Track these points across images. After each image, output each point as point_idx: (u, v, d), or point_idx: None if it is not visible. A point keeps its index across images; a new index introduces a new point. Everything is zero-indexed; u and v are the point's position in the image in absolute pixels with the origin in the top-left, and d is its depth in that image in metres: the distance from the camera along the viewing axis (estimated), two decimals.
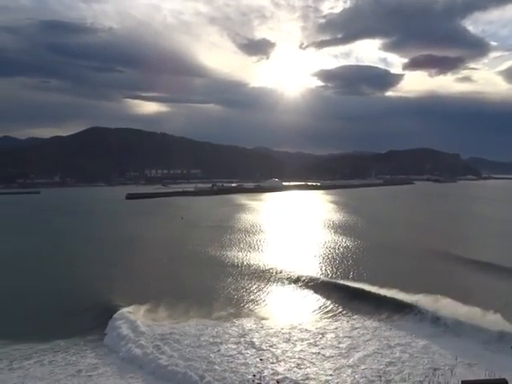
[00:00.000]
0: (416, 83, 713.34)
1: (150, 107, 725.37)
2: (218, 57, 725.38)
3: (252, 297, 27.82)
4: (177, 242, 48.91)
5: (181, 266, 36.52)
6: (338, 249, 41.97)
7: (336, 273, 32.70)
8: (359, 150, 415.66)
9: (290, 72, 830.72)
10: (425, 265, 34.91)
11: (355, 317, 23.46)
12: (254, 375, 16.97)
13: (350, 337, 20.83)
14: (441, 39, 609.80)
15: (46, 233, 60.35)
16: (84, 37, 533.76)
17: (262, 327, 22.35)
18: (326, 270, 33.52)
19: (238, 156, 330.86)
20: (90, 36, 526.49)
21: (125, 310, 24.23)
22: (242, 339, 20.74)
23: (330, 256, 38.69)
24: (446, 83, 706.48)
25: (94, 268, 36.11)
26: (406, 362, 18.03)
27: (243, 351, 19.37)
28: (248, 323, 22.99)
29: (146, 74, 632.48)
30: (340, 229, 56.50)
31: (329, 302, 25.72)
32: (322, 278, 31.03)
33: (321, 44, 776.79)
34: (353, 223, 63.28)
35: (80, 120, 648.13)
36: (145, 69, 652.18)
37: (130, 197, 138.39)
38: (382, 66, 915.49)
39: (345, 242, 45.18)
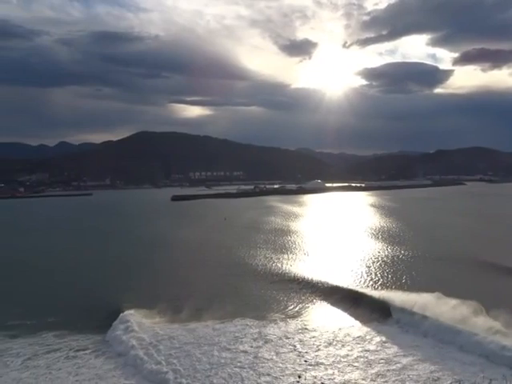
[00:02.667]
0: (467, 79, 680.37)
1: (194, 111, 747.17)
2: (259, 59, 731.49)
3: (292, 300, 27.62)
4: (219, 243, 49.44)
5: (220, 268, 36.73)
6: (381, 257, 39.76)
7: (378, 282, 31.39)
8: (406, 150, 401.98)
9: (333, 72, 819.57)
10: (471, 276, 32.25)
11: (400, 324, 22.72)
12: (300, 376, 16.96)
13: (394, 343, 20.34)
14: (494, 31, 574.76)
15: (94, 233, 63.49)
16: (132, 45, 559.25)
17: (305, 330, 22.27)
18: (367, 279, 32.23)
19: (280, 157, 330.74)
20: (137, 44, 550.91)
21: (137, 311, 25.00)
22: (286, 340, 20.80)
23: (371, 264, 36.99)
24: (501, 78, 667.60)
25: (130, 268, 37.43)
26: (455, 370, 17.34)
27: (287, 352, 19.41)
28: (291, 325, 22.98)
29: (190, 79, 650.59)
30: (383, 234, 53.76)
31: (371, 309, 24.98)
32: (364, 286, 29.96)
33: (365, 42, 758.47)
34: (397, 228, 59.93)
35: (129, 125, 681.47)
36: (189, 74, 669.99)
37: (176, 198, 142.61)
38: (430, 62, 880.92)
39: (387, 250, 42.70)
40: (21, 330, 23.29)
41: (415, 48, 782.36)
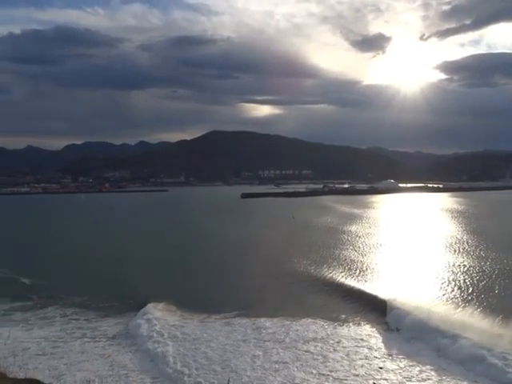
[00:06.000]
0: None
1: (264, 110, 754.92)
2: (330, 56, 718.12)
3: (366, 305, 26.40)
4: (288, 242, 49.28)
5: (292, 267, 36.52)
6: (455, 271, 35.14)
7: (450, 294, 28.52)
8: (491, 149, 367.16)
9: (409, 66, 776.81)
10: None
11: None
12: (374, 383, 16.61)
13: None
14: None
15: (170, 228, 67.04)
16: (205, 48, 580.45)
17: (380, 335, 21.53)
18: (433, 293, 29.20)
19: (351, 156, 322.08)
20: (210, 46, 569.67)
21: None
22: (357, 344, 20.23)
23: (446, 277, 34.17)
24: None
25: (202, 266, 38.06)
26: None
27: (358, 356, 18.89)
28: (365, 329, 22.30)
29: (260, 79, 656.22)
30: (455, 243, 46.65)
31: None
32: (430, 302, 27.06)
33: (445, 33, 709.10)
34: (472, 236, 51.06)
35: (201, 124, 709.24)
36: (259, 73, 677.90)
37: (245, 196, 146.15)
38: None
39: (459, 263, 36.75)
40: (110, 311, 25.73)
41: (503, 37, 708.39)
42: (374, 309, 25.17)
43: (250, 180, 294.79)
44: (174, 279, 33.19)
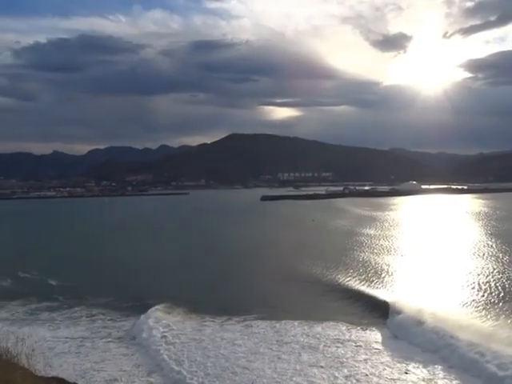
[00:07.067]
0: None
1: (283, 113, 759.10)
2: (350, 57, 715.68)
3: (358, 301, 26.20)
4: (311, 245, 48.70)
5: (313, 270, 36.10)
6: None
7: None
8: None
9: (432, 65, 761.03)
10: None
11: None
12: None
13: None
14: None
15: (187, 228, 67.79)
16: (225, 52, 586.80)
17: (399, 338, 20.94)
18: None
19: (372, 158, 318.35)
20: (229, 50, 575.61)
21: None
22: (379, 347, 19.85)
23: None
24: None
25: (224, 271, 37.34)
26: None
27: (380, 359, 18.49)
28: (387, 331, 21.82)
29: (279, 81, 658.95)
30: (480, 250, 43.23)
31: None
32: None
33: (469, 30, 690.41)
34: (503, 241, 46.84)
35: (221, 128, 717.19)
36: (278, 76, 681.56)
37: (265, 198, 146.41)
38: None
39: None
40: (134, 311, 26.01)
41: None
42: (395, 314, 24.53)
43: (269, 183, 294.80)
44: (193, 281, 33.24)
